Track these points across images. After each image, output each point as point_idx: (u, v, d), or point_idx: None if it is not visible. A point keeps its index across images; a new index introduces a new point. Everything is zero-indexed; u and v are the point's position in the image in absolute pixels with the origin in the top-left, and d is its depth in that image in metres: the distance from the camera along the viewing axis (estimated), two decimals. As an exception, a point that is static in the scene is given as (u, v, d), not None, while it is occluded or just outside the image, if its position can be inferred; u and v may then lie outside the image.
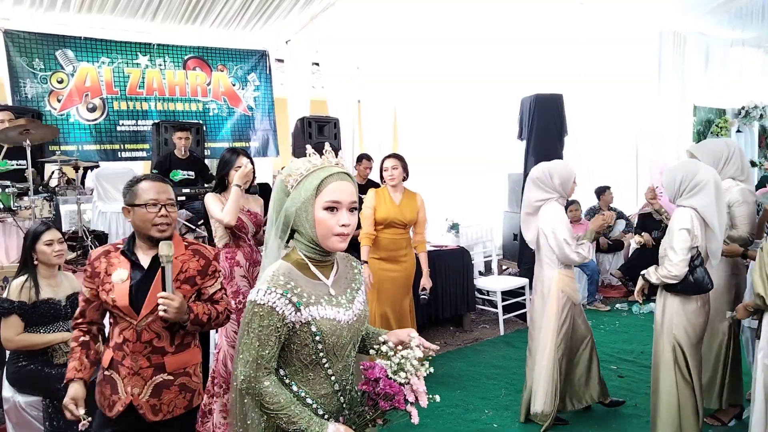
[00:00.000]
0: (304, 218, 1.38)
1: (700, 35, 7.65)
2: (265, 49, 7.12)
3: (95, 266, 1.94)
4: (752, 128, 8.90)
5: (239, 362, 1.36)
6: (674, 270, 2.60)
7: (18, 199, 4.21)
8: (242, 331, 1.36)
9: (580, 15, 6.47)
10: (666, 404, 2.71)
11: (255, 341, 1.33)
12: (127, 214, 1.97)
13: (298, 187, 1.39)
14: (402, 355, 1.40)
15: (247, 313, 1.35)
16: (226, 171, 3.05)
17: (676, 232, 2.61)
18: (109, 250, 1.98)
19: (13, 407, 2.77)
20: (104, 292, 1.92)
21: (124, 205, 1.97)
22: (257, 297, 1.34)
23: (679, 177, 2.66)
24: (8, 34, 5.65)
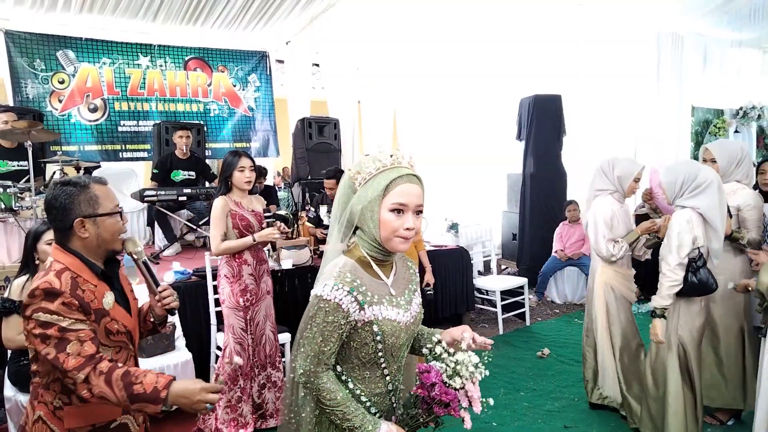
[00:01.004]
0: (369, 217, 1.35)
1: (699, 36, 7.66)
2: (266, 50, 7.14)
3: (81, 297, 1.49)
4: (750, 129, 8.90)
5: (299, 356, 1.36)
6: (673, 275, 2.58)
7: (19, 199, 4.23)
8: (305, 325, 1.35)
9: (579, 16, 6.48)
10: (674, 407, 2.69)
11: (318, 336, 1.33)
12: (82, 228, 1.54)
13: (366, 186, 1.36)
14: (458, 360, 1.39)
15: (311, 308, 1.34)
16: (229, 173, 3.11)
17: (674, 237, 2.59)
18: (74, 276, 1.51)
19: (14, 406, 2.79)
20: (106, 322, 1.55)
21: (79, 218, 1.53)
22: (324, 292, 1.32)
23: (680, 177, 2.64)
24: (9, 35, 5.67)
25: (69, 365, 1.40)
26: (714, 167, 2.99)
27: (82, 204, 1.55)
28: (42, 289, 1.45)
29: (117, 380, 1.40)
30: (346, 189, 1.40)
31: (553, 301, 5.92)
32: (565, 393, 3.70)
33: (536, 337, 4.84)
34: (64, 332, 1.42)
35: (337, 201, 1.43)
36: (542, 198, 6.38)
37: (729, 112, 8.82)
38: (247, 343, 3.10)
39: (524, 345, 4.66)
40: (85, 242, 1.56)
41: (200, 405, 1.42)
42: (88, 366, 1.41)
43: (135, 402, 1.40)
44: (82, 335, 1.44)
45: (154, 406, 1.40)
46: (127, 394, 1.39)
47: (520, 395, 3.68)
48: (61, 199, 1.54)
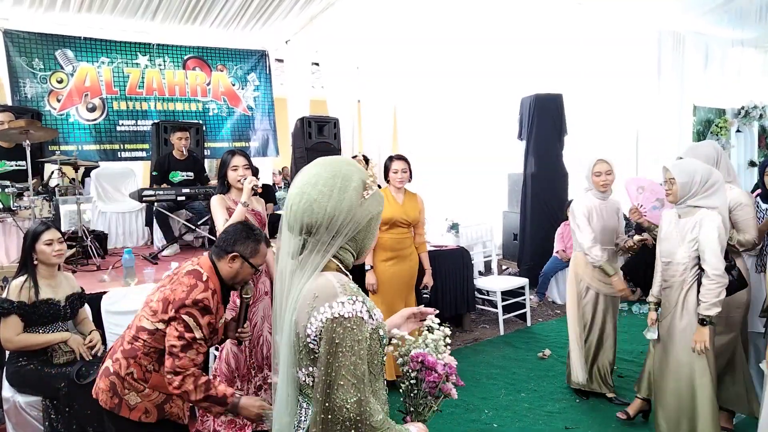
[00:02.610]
0: (372, 229, 1.32)
1: (700, 35, 7.65)
2: (265, 49, 7.12)
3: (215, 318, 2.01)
4: (752, 128, 8.89)
5: (338, 391, 1.17)
6: (723, 279, 2.52)
7: (18, 199, 4.21)
8: (329, 359, 1.18)
9: (580, 15, 6.47)
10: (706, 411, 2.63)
11: (355, 359, 1.18)
12: (233, 261, 2.07)
13: (371, 198, 1.30)
14: (434, 338, 1.42)
15: (330, 335, 1.18)
16: (223, 172, 3.10)
17: (716, 240, 2.51)
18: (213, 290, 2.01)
19: (12, 407, 2.77)
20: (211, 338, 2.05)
21: (237, 254, 2.06)
22: (344, 310, 1.18)
23: (697, 177, 2.58)
24: (8, 34, 5.65)
25: (181, 363, 1.89)
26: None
27: (248, 248, 2.08)
28: (203, 305, 1.94)
29: (200, 385, 1.89)
30: (354, 198, 1.26)
31: (554, 302, 5.90)
32: (566, 394, 3.68)
33: (537, 338, 4.83)
34: (194, 342, 1.92)
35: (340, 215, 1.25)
36: (543, 198, 6.36)
37: (731, 112, 8.80)
38: (243, 344, 3.07)
39: (525, 346, 4.64)
40: (227, 270, 2.07)
41: (259, 413, 1.90)
42: (190, 370, 1.90)
43: (206, 401, 1.88)
44: (201, 349, 1.95)
45: (220, 407, 1.89)
46: (204, 395, 1.87)
47: (521, 396, 3.66)
48: (237, 234, 2.10)
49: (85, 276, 4.08)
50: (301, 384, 1.30)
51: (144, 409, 1.98)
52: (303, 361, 1.26)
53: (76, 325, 2.96)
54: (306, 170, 1.33)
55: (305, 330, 1.22)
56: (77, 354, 2.79)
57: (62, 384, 2.67)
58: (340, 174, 1.27)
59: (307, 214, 1.24)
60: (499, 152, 7.19)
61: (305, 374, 1.27)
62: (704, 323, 2.55)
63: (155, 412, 2.00)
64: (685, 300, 2.65)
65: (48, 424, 2.72)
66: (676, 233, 2.68)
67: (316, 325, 1.20)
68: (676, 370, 2.70)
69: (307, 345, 1.23)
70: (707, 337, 2.56)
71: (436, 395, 1.39)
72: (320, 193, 1.24)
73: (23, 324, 2.70)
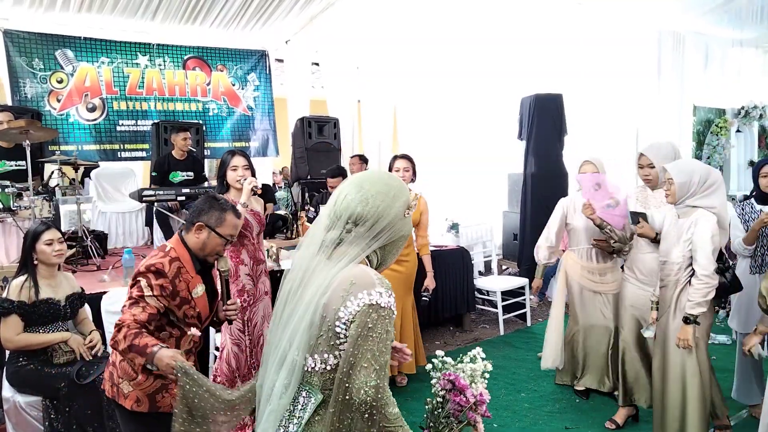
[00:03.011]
0: (399, 246, 1.43)
1: (700, 35, 7.65)
2: (265, 49, 7.12)
3: (176, 285, 1.97)
4: (752, 128, 8.89)
5: (361, 373, 1.21)
6: (712, 281, 2.53)
7: (18, 199, 4.20)
8: (359, 340, 1.23)
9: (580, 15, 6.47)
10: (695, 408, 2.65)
11: (382, 347, 1.23)
12: (200, 232, 2.03)
13: (408, 219, 1.41)
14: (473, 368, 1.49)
15: (366, 319, 1.23)
16: (223, 172, 3.10)
17: (709, 241, 2.52)
18: (180, 266, 1.99)
19: (12, 407, 2.77)
20: (186, 308, 2.00)
21: (202, 223, 2.02)
22: (381, 300, 1.25)
23: (695, 177, 2.58)
24: (8, 34, 5.65)
25: (122, 317, 1.87)
26: (652, 173, 2.92)
27: (212, 217, 2.04)
28: (157, 268, 1.93)
29: (129, 335, 1.81)
30: (400, 211, 1.37)
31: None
32: (566, 394, 3.68)
33: (537, 338, 4.82)
34: (141, 299, 1.90)
35: (386, 219, 1.34)
36: (543, 198, 6.34)
37: (731, 112, 8.80)
38: (244, 344, 3.07)
39: (525, 346, 4.64)
40: (194, 242, 2.04)
41: (170, 364, 1.73)
42: (128, 322, 1.83)
43: (130, 351, 1.80)
44: (148, 308, 1.89)
45: (141, 357, 1.79)
46: (128, 344, 1.79)
47: (521, 396, 3.66)
48: (202, 204, 2.07)
49: (85, 276, 4.09)
50: (308, 371, 1.31)
51: (136, 398, 1.98)
52: (320, 347, 1.28)
53: (76, 325, 2.96)
54: (363, 173, 1.45)
55: (336, 313, 1.26)
56: (77, 354, 2.79)
57: (62, 384, 2.67)
58: (394, 186, 1.38)
59: (361, 205, 1.33)
60: (499, 152, 7.18)
61: (319, 360, 1.29)
62: (688, 321, 2.57)
63: (146, 401, 1.98)
64: (679, 300, 2.67)
65: (48, 424, 2.72)
66: (674, 233, 2.69)
67: (352, 308, 1.25)
68: (671, 370, 2.72)
69: (332, 328, 1.26)
70: (690, 336, 2.57)
71: (460, 419, 1.41)
72: (378, 192, 1.34)
73: (23, 324, 2.70)
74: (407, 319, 3.76)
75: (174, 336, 2.03)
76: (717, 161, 8.56)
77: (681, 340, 2.59)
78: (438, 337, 4.90)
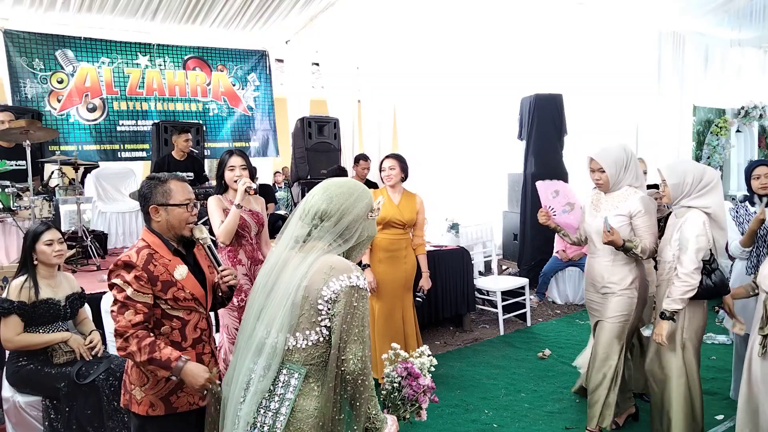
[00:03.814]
0: (364, 244, 1.59)
1: (700, 35, 7.65)
2: (265, 49, 7.12)
3: (151, 271, 1.87)
4: (752, 128, 8.90)
5: (351, 347, 1.41)
6: (690, 280, 2.53)
7: (17, 199, 4.21)
8: (348, 318, 1.41)
9: (580, 15, 6.47)
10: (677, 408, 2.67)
11: (364, 323, 1.43)
12: (156, 214, 1.94)
13: (372, 221, 1.60)
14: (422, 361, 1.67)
15: (350, 299, 1.42)
16: (221, 172, 3.09)
17: (693, 240, 2.53)
18: (151, 253, 1.90)
19: (12, 407, 2.77)
20: (173, 291, 1.90)
21: (153, 205, 1.94)
22: (360, 282, 1.45)
23: (689, 178, 2.59)
24: (8, 34, 5.65)
25: (120, 324, 1.81)
26: (602, 177, 2.81)
27: (158, 195, 1.94)
28: (123, 261, 1.87)
29: (144, 347, 1.78)
30: (363, 211, 1.56)
31: (554, 302, 5.90)
32: (566, 394, 3.68)
33: (537, 338, 4.83)
34: (128, 300, 1.83)
35: (353, 218, 1.53)
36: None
37: (731, 112, 8.81)
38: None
39: (525, 346, 4.64)
40: (159, 225, 1.96)
41: (201, 389, 1.80)
42: (131, 330, 1.80)
43: (151, 364, 1.79)
44: (139, 307, 1.83)
45: (164, 371, 1.79)
46: (147, 357, 1.78)
47: (521, 396, 3.66)
48: (144, 189, 1.97)
49: (85, 276, 4.09)
50: (288, 350, 1.45)
51: (149, 402, 1.93)
52: (301, 325, 1.45)
53: (76, 325, 2.96)
54: (332, 179, 1.63)
55: (318, 292, 1.43)
56: (77, 354, 2.79)
57: (62, 384, 2.67)
58: (357, 190, 1.57)
59: (326, 202, 1.52)
60: (499, 152, 7.19)
61: (301, 337, 1.45)
62: (663, 317, 2.59)
63: (161, 404, 1.93)
64: None
65: (48, 424, 2.72)
66: (668, 233, 2.71)
67: (334, 288, 1.42)
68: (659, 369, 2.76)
69: (314, 306, 1.43)
70: (665, 331, 2.58)
71: (411, 402, 1.62)
72: (342, 192, 1.54)
73: (23, 324, 2.71)
74: (408, 319, 3.76)
75: (176, 328, 1.94)
76: (717, 161, 8.57)
77: (656, 335, 2.62)
78: (438, 337, 4.90)
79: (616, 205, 2.81)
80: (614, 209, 2.80)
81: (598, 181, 2.86)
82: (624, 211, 2.78)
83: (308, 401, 1.44)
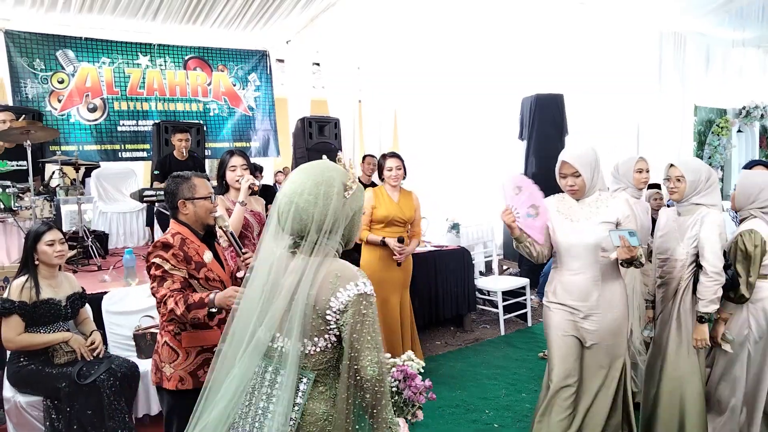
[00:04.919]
0: (356, 221, 1.51)
1: (701, 35, 7.64)
2: (266, 49, 7.12)
3: (186, 251, 2.13)
4: (753, 128, 8.89)
5: (365, 353, 1.36)
6: (720, 278, 2.52)
7: (18, 200, 4.21)
8: (357, 327, 1.37)
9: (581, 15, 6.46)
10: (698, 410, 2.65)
11: (376, 330, 1.40)
12: (185, 207, 2.20)
13: (352, 197, 1.48)
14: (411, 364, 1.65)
15: (359, 307, 1.38)
16: (222, 172, 3.10)
17: (718, 238, 2.52)
18: (183, 238, 2.16)
19: (13, 407, 2.77)
20: (205, 271, 2.16)
21: (182, 199, 2.19)
22: (366, 288, 1.40)
23: (703, 175, 2.59)
24: (9, 35, 5.66)
25: (159, 294, 2.06)
26: (578, 181, 2.48)
27: (185, 190, 2.20)
28: (161, 242, 2.13)
29: (179, 300, 2.01)
30: (337, 202, 1.44)
31: (554, 302, 5.89)
32: (567, 394, 3.67)
33: (538, 338, 4.82)
34: (166, 273, 2.08)
35: (332, 218, 1.43)
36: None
37: (732, 112, 8.80)
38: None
39: (526, 346, 4.64)
40: (187, 217, 2.21)
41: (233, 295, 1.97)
42: (170, 296, 2.04)
43: (190, 310, 2.00)
44: (176, 277, 2.08)
45: (202, 309, 2.00)
46: (185, 305, 2.00)
47: (522, 396, 3.66)
48: (171, 186, 2.21)
49: (86, 276, 4.09)
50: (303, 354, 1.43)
51: (179, 377, 2.13)
52: (309, 333, 1.41)
53: (77, 325, 2.97)
54: (292, 178, 1.48)
55: (327, 302, 1.39)
56: (78, 354, 2.79)
57: (63, 384, 2.68)
58: (323, 181, 1.43)
59: (296, 221, 1.43)
60: (500, 152, 7.18)
61: (309, 344, 1.42)
62: (702, 321, 2.57)
63: (189, 379, 2.14)
64: (682, 298, 2.67)
65: (49, 424, 2.72)
66: (675, 230, 2.69)
67: (343, 298, 1.38)
68: (669, 368, 2.72)
69: (322, 316, 1.40)
70: (707, 335, 2.58)
71: (413, 403, 1.61)
72: (306, 202, 1.42)
73: (24, 324, 2.71)
74: (405, 318, 3.77)
75: None
76: (718, 161, 8.56)
77: (698, 340, 2.59)
78: (439, 337, 4.90)
79: (595, 212, 2.49)
80: (595, 216, 2.48)
81: (573, 187, 2.50)
82: (610, 217, 2.47)
83: (317, 404, 1.43)
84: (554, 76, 6.83)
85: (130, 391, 2.84)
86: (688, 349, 2.65)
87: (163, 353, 2.16)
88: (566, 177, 2.53)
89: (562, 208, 2.58)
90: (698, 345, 2.60)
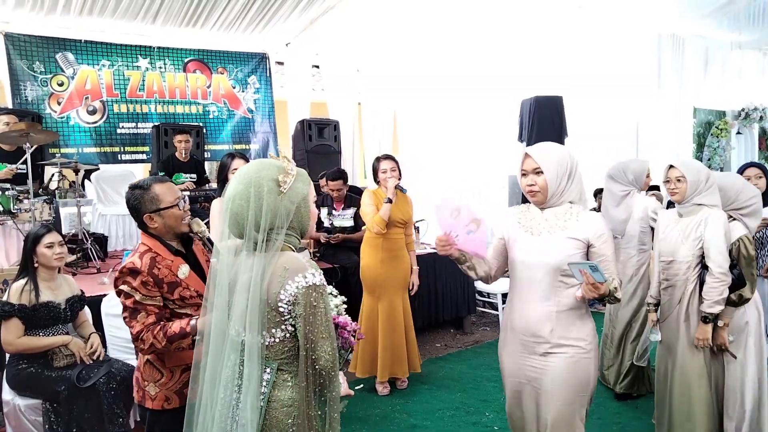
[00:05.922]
0: (304, 212, 1.56)
1: (699, 38, 7.66)
2: (266, 51, 7.12)
3: (156, 274, 1.90)
4: (752, 130, 8.91)
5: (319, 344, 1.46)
6: (726, 278, 2.52)
7: (18, 202, 4.20)
8: (310, 318, 1.45)
9: (580, 18, 6.48)
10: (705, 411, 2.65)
11: (328, 318, 1.48)
12: (152, 221, 1.95)
13: (292, 188, 1.52)
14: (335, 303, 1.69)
15: (309, 299, 1.45)
16: (224, 175, 3.11)
17: (723, 238, 2.53)
18: (153, 256, 1.93)
19: (12, 410, 2.76)
20: (179, 291, 1.95)
21: (147, 213, 1.94)
22: (315, 279, 1.47)
23: (703, 175, 2.61)
24: (9, 37, 5.66)
25: (135, 330, 1.88)
26: (538, 181, 2.08)
27: (147, 203, 1.95)
28: (128, 268, 1.89)
29: (158, 334, 1.85)
30: (272, 196, 1.49)
31: (554, 304, 5.89)
32: (567, 396, 3.67)
33: (538, 340, 4.82)
34: (138, 305, 1.88)
35: (264, 210, 1.48)
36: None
37: (731, 114, 8.81)
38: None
39: (526, 348, 4.63)
40: (157, 230, 1.97)
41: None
42: (146, 331, 1.86)
43: (172, 342, 1.85)
44: (150, 308, 1.89)
45: (185, 340, 1.85)
46: (165, 338, 1.84)
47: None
48: (132, 201, 1.97)
49: (85, 279, 4.08)
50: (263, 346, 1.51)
51: (164, 397, 1.98)
52: (266, 324, 1.49)
53: (76, 328, 2.96)
54: (229, 185, 1.56)
55: (277, 295, 1.46)
56: (77, 357, 2.78)
57: (62, 387, 2.67)
58: (251, 183, 1.49)
59: (233, 225, 1.51)
60: (500, 154, 7.19)
61: (268, 335, 1.50)
62: (707, 321, 2.57)
63: (176, 398, 1.98)
64: (690, 300, 2.66)
65: (48, 428, 2.71)
66: (678, 232, 2.68)
67: (291, 290, 1.45)
68: (679, 370, 2.70)
69: (275, 308, 1.47)
70: (709, 335, 2.57)
71: (346, 348, 1.67)
72: (239, 206, 1.49)
73: (24, 327, 2.70)
74: (407, 317, 3.77)
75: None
76: (717, 163, 8.57)
77: (700, 339, 2.58)
78: (438, 340, 4.90)
79: (562, 225, 2.06)
80: (560, 230, 2.05)
81: (532, 188, 2.09)
82: (578, 234, 2.03)
83: (283, 392, 1.51)
84: (553, 78, 6.84)
85: (129, 394, 2.83)
86: (697, 351, 2.64)
87: (145, 372, 1.99)
88: (527, 175, 2.11)
89: (523, 220, 2.19)
90: (700, 344, 2.60)
